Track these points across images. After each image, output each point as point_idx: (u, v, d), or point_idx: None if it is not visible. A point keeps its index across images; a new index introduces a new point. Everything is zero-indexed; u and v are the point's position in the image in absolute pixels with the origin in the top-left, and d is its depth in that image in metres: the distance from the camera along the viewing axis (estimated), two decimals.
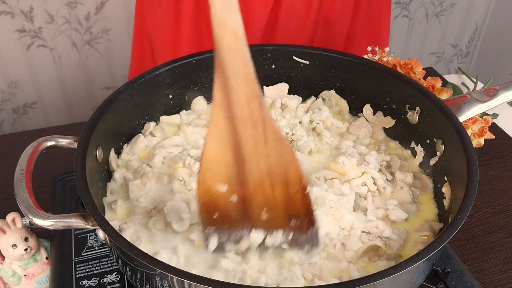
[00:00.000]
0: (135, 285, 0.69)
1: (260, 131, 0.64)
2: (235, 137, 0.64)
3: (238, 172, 0.66)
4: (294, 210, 0.68)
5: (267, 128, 0.64)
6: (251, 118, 0.63)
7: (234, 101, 0.62)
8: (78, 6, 1.85)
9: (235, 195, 0.67)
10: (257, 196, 0.67)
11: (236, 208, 0.68)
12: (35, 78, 1.96)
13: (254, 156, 0.65)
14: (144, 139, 0.88)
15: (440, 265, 0.74)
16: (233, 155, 0.65)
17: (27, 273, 0.82)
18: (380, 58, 1.10)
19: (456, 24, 2.49)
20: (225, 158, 0.65)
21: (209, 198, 0.67)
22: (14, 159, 0.73)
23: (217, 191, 0.67)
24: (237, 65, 0.61)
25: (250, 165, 0.66)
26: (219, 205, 0.67)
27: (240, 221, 0.68)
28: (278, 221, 0.68)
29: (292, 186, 0.67)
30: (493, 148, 1.15)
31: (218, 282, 0.58)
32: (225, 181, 0.67)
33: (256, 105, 0.62)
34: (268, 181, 0.67)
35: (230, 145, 0.65)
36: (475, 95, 0.84)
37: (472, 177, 0.68)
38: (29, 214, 0.65)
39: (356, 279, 0.58)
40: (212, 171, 0.66)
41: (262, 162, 0.66)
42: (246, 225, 0.68)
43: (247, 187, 0.67)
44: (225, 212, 0.68)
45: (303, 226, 0.68)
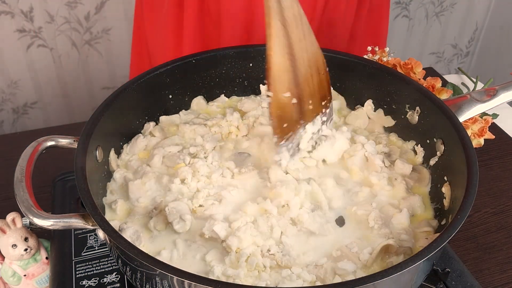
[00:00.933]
0: (135, 285, 0.69)
1: (300, 28, 0.73)
2: (289, 40, 0.72)
3: (293, 73, 0.75)
4: (323, 91, 0.80)
5: (303, 23, 0.74)
6: (295, 18, 0.72)
7: (284, 6, 0.71)
8: (78, 6, 1.85)
9: (294, 98, 0.76)
10: (305, 90, 0.77)
11: (295, 109, 0.77)
12: (35, 78, 1.96)
13: (300, 53, 0.74)
14: (144, 139, 0.88)
15: (440, 265, 0.74)
16: (289, 57, 0.73)
17: (27, 273, 0.82)
18: (380, 58, 1.10)
19: (456, 24, 2.49)
20: (286, 63, 0.73)
21: (281, 110, 0.75)
22: (14, 159, 0.73)
23: (284, 100, 0.75)
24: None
25: (300, 62, 0.75)
26: (286, 112, 0.76)
27: (299, 120, 0.78)
28: (317, 106, 0.80)
29: (322, 70, 0.79)
30: (493, 148, 1.15)
31: (218, 282, 0.58)
32: (288, 87, 0.75)
33: (295, 5, 0.72)
34: (309, 72, 0.77)
35: (286, 49, 0.73)
36: (475, 95, 0.84)
37: (472, 177, 0.68)
38: (29, 214, 0.65)
39: (356, 279, 0.58)
40: (279, 80, 0.74)
41: (305, 56, 0.75)
42: (302, 123, 0.79)
43: (300, 85, 0.76)
44: (290, 118, 0.77)
45: (327, 105, 0.82)
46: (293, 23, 0.72)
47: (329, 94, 0.82)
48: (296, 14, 0.72)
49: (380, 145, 0.88)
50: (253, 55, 0.95)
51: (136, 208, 0.78)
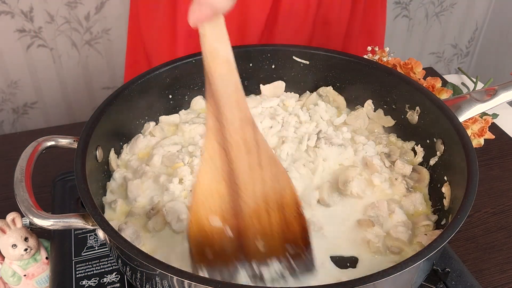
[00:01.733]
0: (135, 285, 0.69)
1: (254, 156, 0.63)
2: (229, 165, 0.62)
3: (233, 203, 0.64)
4: (290, 234, 0.66)
5: (261, 151, 0.63)
6: (245, 143, 0.62)
7: (228, 128, 0.61)
8: (78, 6, 1.85)
9: (229, 229, 0.64)
10: (252, 225, 0.65)
11: (230, 242, 0.65)
12: (35, 78, 1.96)
13: (249, 183, 0.63)
14: (143, 139, 0.88)
15: (440, 265, 0.74)
16: (228, 185, 0.63)
17: (27, 273, 0.82)
18: (380, 58, 1.10)
19: (456, 24, 2.49)
20: (219, 189, 0.63)
21: (202, 236, 0.64)
22: (14, 159, 0.73)
23: (211, 227, 0.64)
24: (229, 91, 0.61)
25: (245, 193, 0.63)
26: (213, 242, 0.64)
27: (234, 255, 0.65)
28: (274, 249, 0.66)
29: (289, 209, 0.66)
30: (493, 148, 1.15)
31: (218, 282, 0.58)
32: (218, 213, 0.64)
33: (249, 129, 0.62)
34: (264, 207, 0.65)
35: (225, 174, 0.63)
36: (475, 95, 0.84)
37: (472, 177, 0.68)
38: (29, 214, 0.65)
39: (356, 279, 0.58)
40: (206, 205, 0.63)
41: (257, 188, 0.64)
42: (240, 259, 0.65)
43: (242, 218, 0.64)
44: (218, 249, 0.64)
45: (299, 250, 0.66)
46: (241, 148, 0.62)
47: (303, 240, 0.66)
48: (248, 139, 0.62)
49: (380, 145, 0.88)
50: (253, 55, 0.95)
51: (134, 208, 0.78)
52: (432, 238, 0.64)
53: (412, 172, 0.84)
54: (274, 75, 0.97)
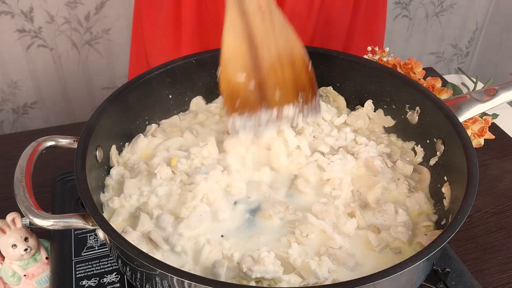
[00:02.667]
0: (135, 285, 0.69)
1: (268, 21, 0.75)
2: (248, 30, 0.75)
3: (253, 60, 0.77)
4: (301, 85, 0.81)
5: (274, 17, 0.76)
6: (260, 11, 0.74)
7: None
8: (78, 6, 1.85)
9: (252, 81, 0.78)
10: (270, 78, 0.79)
11: (254, 92, 0.79)
12: (35, 78, 1.96)
13: (265, 43, 0.76)
14: (144, 139, 0.88)
15: (440, 265, 0.74)
16: (248, 46, 0.76)
17: (27, 273, 0.82)
18: (380, 58, 1.10)
19: (456, 24, 2.49)
20: (241, 50, 0.76)
21: (231, 88, 0.77)
22: (14, 159, 0.73)
23: (237, 80, 0.77)
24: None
25: (262, 52, 0.77)
26: (240, 93, 0.78)
27: (258, 103, 0.79)
28: (289, 97, 0.81)
29: (298, 63, 0.80)
30: (493, 148, 1.15)
31: (218, 282, 0.58)
32: (243, 70, 0.77)
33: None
34: (278, 62, 0.78)
35: (245, 37, 0.75)
36: (475, 95, 0.84)
37: (472, 177, 0.68)
38: (29, 214, 0.65)
39: (356, 279, 0.58)
40: (232, 63, 0.76)
41: (272, 47, 0.77)
42: (263, 105, 0.79)
43: (262, 71, 0.78)
44: (245, 98, 0.78)
45: (308, 97, 0.82)
46: (257, 15, 0.74)
47: (311, 88, 0.83)
48: (263, 5, 0.74)
49: (381, 145, 0.88)
50: None
51: (126, 203, 0.78)
52: (432, 238, 0.64)
53: (412, 172, 0.83)
54: None
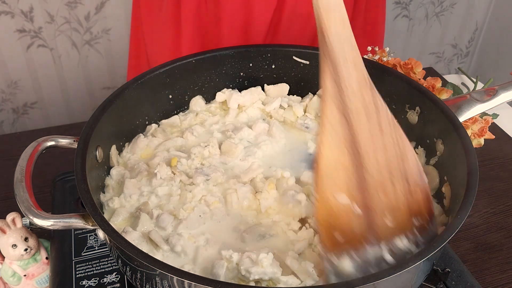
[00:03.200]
0: (135, 285, 0.69)
1: (374, 120, 0.59)
2: (351, 133, 0.58)
3: (357, 175, 0.59)
4: (415, 205, 0.62)
5: (381, 115, 0.60)
6: (364, 108, 0.58)
7: (346, 91, 0.57)
8: (78, 6, 1.85)
9: (356, 205, 0.60)
10: (379, 199, 0.60)
11: (358, 221, 0.60)
12: (35, 78, 1.96)
13: (371, 151, 0.59)
14: (144, 139, 0.88)
15: (440, 265, 0.74)
16: (351, 155, 0.59)
17: (27, 273, 0.82)
18: (380, 58, 1.09)
19: (456, 24, 2.49)
20: (343, 161, 0.59)
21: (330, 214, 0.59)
22: (14, 159, 0.73)
23: (338, 205, 0.59)
24: (346, 49, 0.58)
25: (369, 163, 0.59)
26: (341, 220, 0.59)
27: (363, 236, 0.60)
28: (402, 224, 0.61)
29: (412, 177, 0.62)
30: (493, 148, 1.15)
31: (218, 282, 0.58)
32: (344, 189, 0.59)
33: (368, 91, 0.59)
34: (388, 177, 0.60)
35: (347, 143, 0.59)
36: (475, 95, 0.83)
37: (472, 177, 0.68)
38: (29, 214, 0.65)
39: (356, 279, 0.58)
40: (331, 181, 0.59)
41: (380, 156, 0.60)
42: (369, 240, 0.60)
43: (368, 192, 0.60)
44: (347, 230, 0.59)
45: (424, 222, 0.63)
46: (361, 113, 0.58)
47: (427, 211, 0.64)
48: (368, 102, 0.58)
49: None
50: (253, 55, 0.95)
51: (126, 203, 0.78)
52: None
53: None
54: (274, 75, 0.97)
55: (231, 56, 0.94)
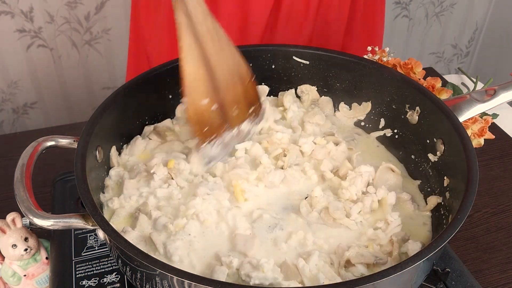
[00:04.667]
0: (135, 285, 0.69)
1: (217, 41, 0.77)
2: (203, 52, 0.76)
3: (212, 82, 0.79)
4: (249, 99, 0.85)
5: (221, 37, 0.78)
6: (209, 32, 0.76)
7: (195, 21, 0.74)
8: (78, 6, 1.85)
9: (215, 104, 0.80)
10: (227, 98, 0.81)
11: (217, 114, 0.81)
12: (35, 78, 1.96)
13: (218, 64, 0.78)
14: (142, 141, 0.88)
15: (440, 265, 0.74)
16: (205, 68, 0.77)
17: (27, 273, 0.82)
18: (380, 58, 1.10)
19: (456, 24, 2.49)
20: (200, 73, 0.77)
21: (198, 115, 0.79)
22: (14, 159, 0.73)
23: (202, 105, 0.79)
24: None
25: (217, 72, 0.79)
26: (205, 118, 0.80)
27: (222, 124, 0.82)
28: (244, 113, 0.85)
29: (245, 79, 0.83)
30: (493, 148, 1.15)
31: (218, 282, 0.58)
32: (206, 95, 0.79)
33: (210, 20, 0.76)
34: (231, 81, 0.81)
35: (201, 60, 0.77)
36: (475, 95, 0.84)
37: (472, 177, 0.68)
38: (29, 214, 0.65)
39: (356, 279, 0.58)
40: (195, 90, 0.78)
41: (224, 66, 0.79)
42: (227, 126, 0.83)
43: (220, 92, 0.80)
44: (211, 123, 0.80)
45: (257, 110, 0.87)
46: (208, 37, 0.76)
47: (257, 101, 0.87)
48: (210, 28, 0.76)
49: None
50: (253, 55, 0.95)
51: (126, 204, 0.78)
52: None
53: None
54: (274, 75, 0.97)
55: None
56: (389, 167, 0.85)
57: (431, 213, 0.80)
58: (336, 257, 0.71)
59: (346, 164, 0.84)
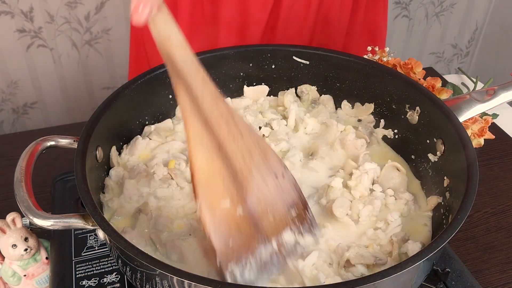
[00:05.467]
0: (135, 285, 0.69)
1: (233, 127, 0.64)
2: (216, 141, 0.63)
3: (233, 178, 0.64)
4: (289, 198, 0.68)
5: (237, 122, 0.65)
6: (222, 117, 0.63)
7: (202, 106, 0.62)
8: (78, 6, 1.85)
9: (239, 206, 0.64)
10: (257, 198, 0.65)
11: (245, 222, 0.64)
12: (35, 78, 1.96)
13: (238, 154, 0.64)
14: (142, 141, 0.88)
15: (440, 265, 0.74)
16: (222, 161, 0.63)
17: (27, 273, 0.82)
18: (380, 58, 1.10)
19: (456, 24, 2.49)
20: (216, 168, 0.63)
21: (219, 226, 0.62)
22: (14, 159, 0.73)
23: (222, 211, 0.63)
24: (193, 71, 0.63)
25: (238, 165, 0.64)
26: (229, 226, 0.63)
27: (253, 238, 0.64)
28: (282, 217, 0.67)
29: (278, 172, 0.67)
30: (493, 148, 1.15)
31: (218, 282, 0.58)
32: (225, 194, 0.63)
33: (221, 103, 0.64)
34: (259, 175, 0.66)
35: (215, 151, 0.63)
36: (475, 95, 0.84)
37: (472, 177, 0.68)
38: (29, 214, 0.65)
39: (356, 279, 0.58)
40: (210, 187, 0.63)
41: (247, 157, 0.65)
42: (259, 240, 0.64)
43: (246, 193, 0.64)
44: (238, 233, 0.63)
45: (301, 211, 0.69)
46: (220, 121, 0.63)
47: (299, 198, 0.70)
48: (223, 112, 0.63)
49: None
50: (253, 55, 0.95)
51: (126, 204, 0.78)
52: None
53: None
54: (274, 75, 0.97)
55: (231, 56, 0.94)
56: (394, 165, 0.85)
57: (431, 213, 0.80)
58: (336, 257, 0.71)
59: (350, 162, 0.85)
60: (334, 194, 0.79)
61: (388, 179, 0.83)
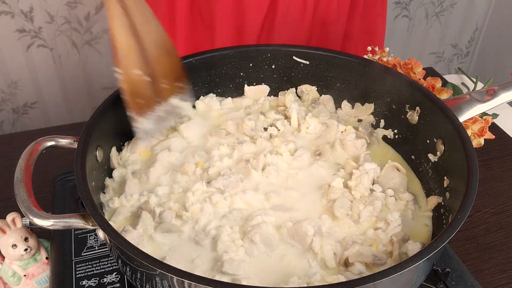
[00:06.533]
0: (135, 285, 0.69)
1: (141, 12, 0.79)
2: (131, 22, 0.78)
3: (142, 53, 0.80)
4: (176, 73, 0.86)
5: (145, 8, 0.79)
6: (134, 3, 0.77)
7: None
8: (78, 6, 1.84)
9: (146, 76, 0.81)
10: (157, 69, 0.82)
11: (148, 86, 0.82)
12: (35, 78, 1.96)
13: (146, 34, 0.80)
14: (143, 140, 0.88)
15: (440, 265, 0.74)
16: (135, 38, 0.79)
17: (27, 273, 0.82)
18: (380, 58, 1.10)
19: (456, 24, 2.49)
20: (130, 42, 0.78)
21: (131, 86, 0.79)
22: (14, 159, 0.73)
23: (134, 76, 0.79)
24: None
25: (146, 43, 0.80)
26: (137, 88, 0.80)
27: (154, 97, 0.83)
28: (173, 87, 0.86)
29: (171, 52, 0.85)
30: (493, 148, 1.15)
31: (218, 282, 0.58)
32: (137, 64, 0.80)
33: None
34: (159, 53, 0.82)
35: (130, 30, 0.78)
36: (475, 95, 0.84)
37: (472, 177, 0.68)
38: (29, 214, 0.65)
39: (356, 279, 0.58)
40: (127, 57, 0.78)
41: (151, 38, 0.81)
42: (159, 100, 0.84)
43: (150, 64, 0.81)
44: (144, 95, 0.81)
45: (183, 85, 0.87)
46: (134, 7, 0.78)
47: (183, 76, 0.88)
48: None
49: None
50: (253, 55, 0.95)
51: (127, 203, 0.78)
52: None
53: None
54: (274, 75, 0.97)
55: (231, 56, 0.94)
56: (394, 165, 0.85)
57: (431, 213, 0.80)
58: (341, 249, 0.72)
59: (350, 162, 0.85)
60: (335, 194, 0.79)
61: (388, 179, 0.83)
